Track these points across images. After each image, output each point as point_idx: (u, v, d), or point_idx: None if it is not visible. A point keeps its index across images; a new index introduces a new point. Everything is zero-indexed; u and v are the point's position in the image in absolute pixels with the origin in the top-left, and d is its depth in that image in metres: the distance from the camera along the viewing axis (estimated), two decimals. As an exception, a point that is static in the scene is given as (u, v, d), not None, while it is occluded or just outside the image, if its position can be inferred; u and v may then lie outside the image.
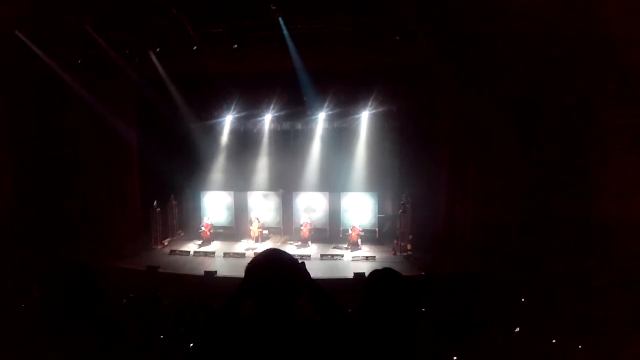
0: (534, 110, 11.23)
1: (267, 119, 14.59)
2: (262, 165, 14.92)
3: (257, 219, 13.55)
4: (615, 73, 9.36)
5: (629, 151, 9.62)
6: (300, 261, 2.19)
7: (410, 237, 12.49)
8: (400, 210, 12.62)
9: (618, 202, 9.73)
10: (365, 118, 14.05)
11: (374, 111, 13.69)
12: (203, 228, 13.74)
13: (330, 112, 13.89)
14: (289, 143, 14.95)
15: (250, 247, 12.85)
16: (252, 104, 13.97)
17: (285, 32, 11.22)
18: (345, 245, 12.95)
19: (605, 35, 9.00)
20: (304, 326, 2.10)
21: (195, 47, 11.77)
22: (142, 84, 13.18)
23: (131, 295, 7.79)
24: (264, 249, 2.28)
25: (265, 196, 14.48)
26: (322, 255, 12.20)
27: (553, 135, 11.01)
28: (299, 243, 13.28)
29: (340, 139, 14.52)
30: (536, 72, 10.69)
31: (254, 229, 13.34)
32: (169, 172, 13.56)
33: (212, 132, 14.87)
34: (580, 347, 5.05)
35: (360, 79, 12.86)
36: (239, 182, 14.73)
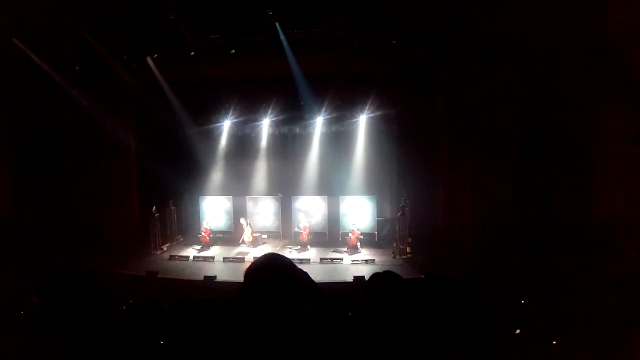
0: (533, 110, 11.26)
1: (265, 124, 14.63)
2: (261, 170, 14.95)
3: (249, 224, 13.52)
4: (616, 72, 9.40)
5: (629, 151, 9.65)
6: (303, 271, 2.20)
7: (410, 239, 12.49)
8: (399, 213, 12.63)
9: (618, 202, 9.76)
10: (362, 122, 14.09)
11: (371, 115, 13.74)
12: (202, 233, 13.73)
13: (328, 116, 13.94)
14: (287, 147, 14.98)
15: (241, 252, 12.84)
16: (250, 109, 14.02)
17: (282, 37, 11.27)
18: (345, 249, 12.94)
19: (606, 34, 9.05)
20: (303, 330, 2.10)
21: (192, 53, 11.81)
22: (140, 89, 13.21)
23: (131, 301, 7.78)
24: (264, 253, 2.29)
25: (264, 200, 14.48)
26: (321, 259, 12.19)
27: (552, 135, 11.04)
28: (299, 247, 13.27)
29: (338, 142, 14.57)
30: (535, 71, 10.73)
31: (248, 234, 13.32)
32: (168, 178, 13.57)
33: (210, 137, 14.91)
34: (580, 347, 5.06)
35: (357, 82, 12.90)
36: (238, 186, 14.74)
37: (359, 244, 12.92)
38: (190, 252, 13.31)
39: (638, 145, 9.56)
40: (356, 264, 11.93)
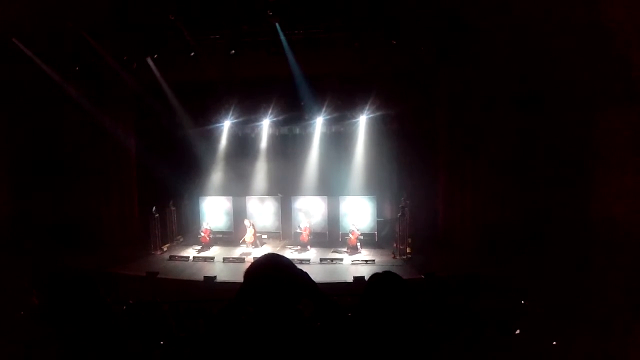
0: (533, 110, 11.26)
1: (265, 124, 14.64)
2: (261, 170, 14.97)
3: (253, 224, 13.53)
4: (616, 71, 9.39)
5: (629, 150, 9.64)
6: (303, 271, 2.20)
7: (410, 240, 12.49)
8: (399, 214, 12.64)
9: (618, 202, 9.74)
10: (363, 122, 14.11)
11: (371, 115, 13.75)
12: (202, 233, 13.74)
13: (328, 117, 13.95)
14: (287, 148, 15.00)
15: (244, 253, 12.84)
16: (250, 109, 14.03)
17: (282, 37, 11.28)
18: (345, 249, 12.94)
19: (606, 33, 9.04)
20: (303, 330, 2.10)
21: (192, 53, 11.81)
22: (140, 89, 13.22)
23: (130, 301, 7.77)
24: (263, 253, 2.29)
25: (264, 201, 14.49)
26: (321, 259, 12.19)
27: (552, 134, 11.04)
28: (299, 247, 13.28)
29: (338, 143, 14.59)
30: (535, 71, 10.73)
31: (249, 235, 13.32)
32: (168, 178, 13.59)
33: (211, 138, 14.93)
34: (580, 347, 5.06)
35: (357, 83, 12.93)
36: (238, 187, 14.75)
37: (359, 244, 12.93)
38: (190, 252, 13.31)
39: (638, 145, 9.55)
40: (356, 264, 11.93)
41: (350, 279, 10.33)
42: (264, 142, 14.94)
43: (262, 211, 14.38)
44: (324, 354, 2.09)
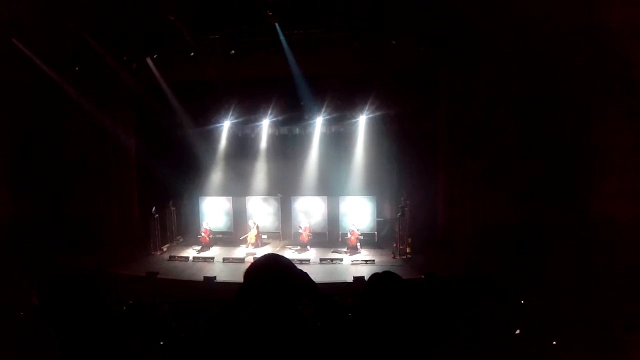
0: (533, 110, 11.26)
1: (265, 124, 14.65)
2: (261, 170, 14.97)
3: (257, 226, 13.53)
4: (616, 71, 9.39)
5: (629, 150, 9.64)
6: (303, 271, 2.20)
7: (409, 240, 12.49)
8: (399, 214, 12.64)
9: (618, 202, 9.74)
10: (362, 122, 14.11)
11: (371, 115, 13.75)
12: (202, 233, 13.73)
13: (327, 117, 13.95)
14: (287, 148, 15.01)
15: (249, 253, 12.84)
16: (250, 110, 14.04)
17: (282, 37, 11.28)
18: (345, 249, 12.94)
19: (606, 33, 9.05)
20: (304, 330, 2.10)
21: (192, 54, 11.81)
22: (140, 89, 13.22)
23: (130, 301, 7.78)
24: (263, 254, 2.29)
25: (264, 201, 14.49)
26: (321, 260, 12.19)
27: (552, 135, 11.03)
28: (298, 247, 13.27)
29: (338, 143, 14.59)
30: (535, 71, 10.73)
31: (252, 235, 13.32)
32: (168, 178, 13.59)
33: (210, 138, 14.93)
34: (580, 347, 5.06)
35: (357, 83, 12.93)
36: (238, 187, 14.75)
37: (358, 244, 12.93)
38: (190, 252, 13.30)
39: (638, 145, 9.55)
40: (356, 264, 11.93)
41: (350, 279, 10.33)
42: (263, 142, 14.94)
43: (261, 211, 14.37)
44: (324, 354, 2.09)
